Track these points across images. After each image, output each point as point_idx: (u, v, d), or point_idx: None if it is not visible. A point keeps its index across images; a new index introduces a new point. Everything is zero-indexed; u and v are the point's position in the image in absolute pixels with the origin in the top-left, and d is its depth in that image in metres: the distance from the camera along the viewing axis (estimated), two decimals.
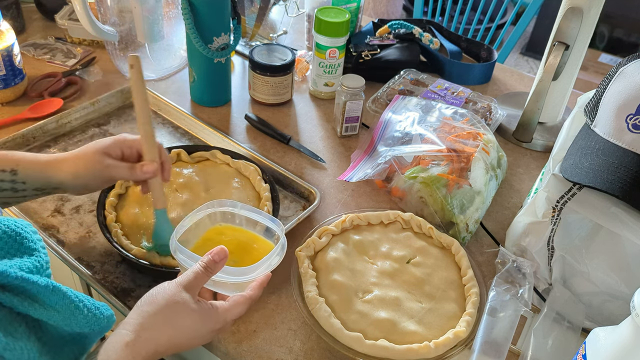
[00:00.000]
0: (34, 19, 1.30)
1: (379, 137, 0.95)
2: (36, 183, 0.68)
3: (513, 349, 0.70)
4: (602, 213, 0.65)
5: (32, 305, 0.48)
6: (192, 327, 0.57)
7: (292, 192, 0.93)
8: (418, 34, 1.24)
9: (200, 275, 0.59)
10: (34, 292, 0.47)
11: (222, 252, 0.60)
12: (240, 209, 0.70)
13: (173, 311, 0.56)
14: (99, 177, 0.70)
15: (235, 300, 0.62)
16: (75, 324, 0.51)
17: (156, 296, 0.57)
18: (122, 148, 0.71)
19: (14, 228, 0.49)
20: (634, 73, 0.68)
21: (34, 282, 0.47)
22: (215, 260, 0.60)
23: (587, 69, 2.80)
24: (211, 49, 0.99)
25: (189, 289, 0.58)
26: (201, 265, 0.59)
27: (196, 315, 0.57)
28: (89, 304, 0.52)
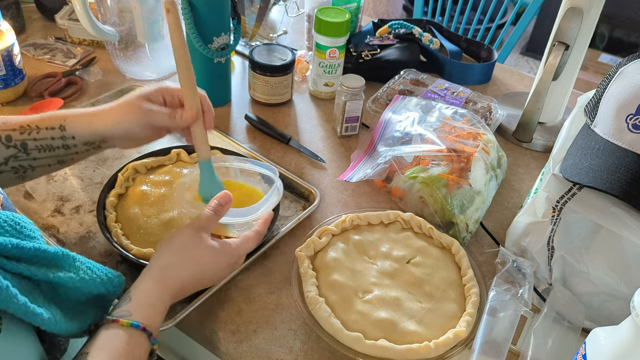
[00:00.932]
0: (34, 19, 1.30)
1: (379, 137, 0.95)
2: (84, 136, 0.69)
3: (513, 349, 0.70)
4: (602, 213, 0.65)
5: (50, 270, 0.50)
6: (212, 261, 0.63)
7: (292, 192, 0.93)
8: (418, 34, 1.24)
9: (210, 218, 0.65)
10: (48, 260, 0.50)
11: (226, 195, 0.67)
12: (232, 162, 0.75)
13: (192, 249, 0.62)
14: (140, 123, 0.70)
15: (245, 235, 0.68)
16: (92, 284, 0.54)
17: (172, 240, 0.63)
18: (164, 95, 0.72)
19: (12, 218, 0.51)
20: (634, 73, 0.68)
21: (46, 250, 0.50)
22: (220, 203, 0.66)
23: (587, 69, 2.80)
24: (211, 49, 0.99)
25: (201, 230, 0.64)
26: (209, 209, 0.65)
27: (213, 250, 0.63)
28: (98, 266, 0.56)
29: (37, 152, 0.68)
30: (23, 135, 0.67)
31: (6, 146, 0.66)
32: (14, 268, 0.48)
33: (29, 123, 0.67)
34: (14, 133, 0.66)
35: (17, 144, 0.66)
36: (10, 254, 0.48)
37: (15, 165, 0.67)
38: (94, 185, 0.90)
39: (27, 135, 0.67)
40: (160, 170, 0.86)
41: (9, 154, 0.66)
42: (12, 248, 0.47)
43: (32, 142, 0.67)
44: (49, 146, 0.68)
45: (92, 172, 0.92)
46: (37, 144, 0.67)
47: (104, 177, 0.91)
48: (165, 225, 0.77)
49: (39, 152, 0.68)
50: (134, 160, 0.86)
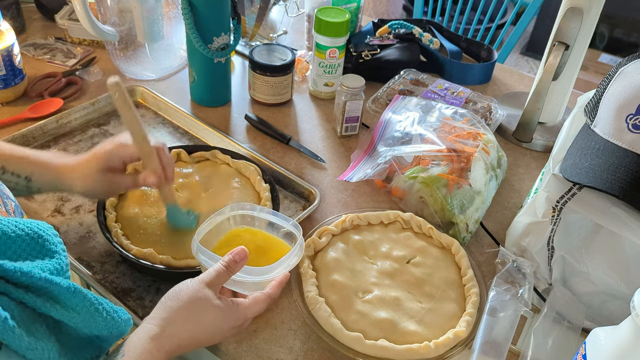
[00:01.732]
0: (34, 19, 1.30)
1: (379, 137, 0.95)
2: (49, 188, 0.74)
3: (513, 349, 0.70)
4: (602, 213, 0.65)
5: (54, 306, 0.48)
6: (214, 322, 0.60)
7: (292, 192, 0.93)
8: (418, 34, 1.24)
9: (221, 274, 0.61)
10: (56, 294, 0.48)
11: (242, 252, 0.63)
12: (259, 212, 0.72)
13: (196, 307, 0.59)
14: (107, 191, 0.76)
15: (255, 297, 0.64)
16: (94, 326, 0.52)
17: (180, 292, 0.59)
18: (123, 158, 0.74)
19: (36, 230, 0.49)
20: (634, 73, 0.68)
21: (56, 284, 0.48)
22: (235, 259, 0.62)
23: (587, 69, 2.80)
24: (211, 49, 0.99)
25: (210, 286, 0.60)
26: (222, 265, 0.62)
27: (218, 311, 0.60)
28: (108, 307, 0.53)
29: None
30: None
31: None
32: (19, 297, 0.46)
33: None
34: None
35: None
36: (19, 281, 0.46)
37: None
38: None
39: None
40: None
41: None
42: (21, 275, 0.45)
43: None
44: (12, 188, 0.70)
45: None
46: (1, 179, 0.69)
47: None
48: (165, 225, 0.77)
49: None
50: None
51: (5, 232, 0.46)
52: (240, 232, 0.72)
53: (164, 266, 0.72)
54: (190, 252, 0.74)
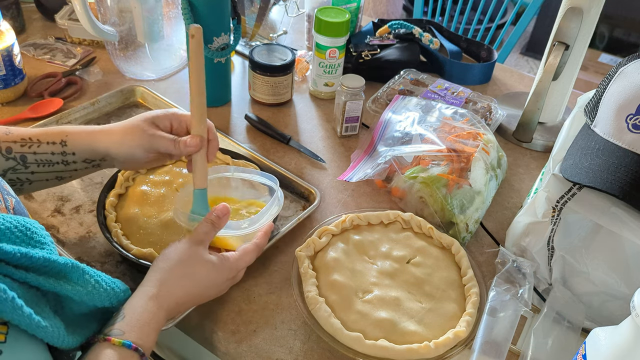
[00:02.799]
0: (34, 19, 1.30)
1: (379, 137, 0.95)
2: (85, 153, 0.70)
3: (513, 349, 0.70)
4: (602, 213, 0.65)
5: (58, 282, 0.50)
6: (208, 276, 0.61)
7: (292, 192, 0.93)
8: (418, 34, 1.24)
9: (207, 230, 0.63)
10: (57, 270, 0.50)
11: (224, 208, 0.65)
12: (234, 172, 0.74)
13: (188, 264, 0.60)
14: (143, 146, 0.69)
15: (245, 248, 0.66)
16: (97, 298, 0.53)
17: (170, 253, 0.61)
18: (171, 120, 0.71)
19: (23, 224, 0.50)
20: (634, 73, 0.68)
21: (55, 261, 0.49)
22: (219, 215, 0.65)
23: (587, 69, 2.80)
24: (211, 49, 0.99)
25: (199, 243, 0.62)
26: (207, 222, 0.64)
27: (210, 265, 0.62)
28: (106, 279, 0.55)
29: (36, 166, 0.68)
30: (23, 148, 0.67)
31: (5, 158, 0.66)
32: (22, 277, 0.47)
33: (31, 136, 0.67)
34: (15, 145, 0.66)
35: (17, 156, 0.66)
36: (18, 262, 0.47)
37: (13, 178, 0.67)
38: (94, 185, 0.90)
39: (27, 149, 0.67)
40: (160, 170, 0.86)
41: (8, 166, 0.66)
42: (20, 257, 0.46)
43: (31, 155, 0.67)
44: (48, 161, 0.68)
45: None
46: (36, 157, 0.67)
47: (104, 177, 0.91)
48: (165, 225, 0.77)
49: (38, 166, 0.68)
50: None
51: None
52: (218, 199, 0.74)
53: None
54: None
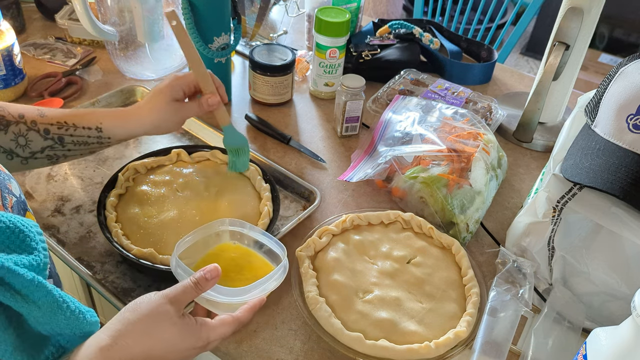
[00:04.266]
0: (34, 19, 1.30)
1: (379, 137, 0.95)
2: (120, 136, 0.78)
3: (513, 349, 0.70)
4: (603, 213, 0.65)
5: (14, 297, 0.47)
6: (171, 340, 0.55)
7: (293, 192, 0.93)
8: (418, 34, 1.24)
9: (188, 290, 0.58)
10: (18, 285, 0.47)
11: (214, 270, 0.59)
12: (249, 230, 0.70)
13: (154, 321, 0.55)
14: (175, 120, 0.80)
15: (222, 319, 0.60)
16: (55, 322, 0.50)
17: (140, 304, 0.56)
18: (182, 88, 0.79)
19: (18, 226, 0.48)
20: (635, 73, 0.68)
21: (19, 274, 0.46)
22: (206, 277, 0.59)
23: (587, 69, 2.80)
24: (211, 49, 0.99)
25: (174, 302, 0.57)
26: (191, 281, 0.58)
27: (176, 329, 0.56)
28: (74, 306, 0.51)
29: (73, 145, 0.75)
30: (61, 131, 0.74)
31: (44, 138, 0.72)
32: None
33: (67, 120, 0.74)
34: (52, 127, 0.73)
35: (55, 137, 0.73)
36: None
37: (51, 154, 0.74)
38: (94, 185, 0.90)
39: (64, 131, 0.74)
40: (160, 171, 0.86)
41: (46, 145, 0.73)
42: None
43: (69, 137, 0.74)
44: (84, 142, 0.75)
45: (92, 172, 0.92)
46: (73, 139, 0.74)
47: (104, 177, 0.91)
48: (166, 225, 0.77)
49: (75, 145, 0.75)
50: (134, 160, 0.86)
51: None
52: (228, 248, 0.70)
53: (164, 266, 0.72)
54: None
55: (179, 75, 0.79)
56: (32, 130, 0.72)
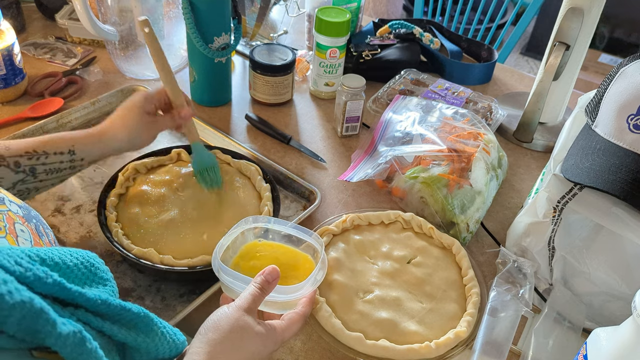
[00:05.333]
0: (34, 19, 1.30)
1: (380, 137, 0.95)
2: (94, 156, 0.75)
3: (514, 349, 0.70)
4: (603, 213, 0.65)
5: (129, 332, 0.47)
6: (257, 349, 0.58)
7: (293, 192, 0.92)
8: (418, 34, 1.24)
9: (257, 297, 0.59)
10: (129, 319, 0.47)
11: (274, 271, 0.61)
12: (273, 224, 0.70)
13: (239, 336, 0.57)
14: (149, 135, 0.80)
15: (291, 318, 0.62)
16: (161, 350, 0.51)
17: (219, 322, 0.57)
18: (153, 101, 0.80)
19: (88, 259, 0.48)
20: (635, 73, 0.68)
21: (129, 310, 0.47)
22: (268, 280, 0.60)
23: (587, 69, 2.80)
24: (212, 49, 0.99)
25: (249, 312, 0.58)
26: (256, 287, 0.60)
27: (259, 338, 0.58)
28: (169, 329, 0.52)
29: (45, 174, 0.70)
30: (31, 161, 0.69)
31: (15, 172, 0.67)
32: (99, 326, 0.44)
33: (36, 148, 0.69)
34: (22, 159, 0.68)
35: (26, 169, 0.68)
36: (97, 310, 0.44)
37: (22, 189, 0.69)
38: (94, 185, 0.90)
39: (35, 161, 0.69)
40: (160, 170, 0.86)
41: (17, 179, 0.68)
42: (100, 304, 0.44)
43: (41, 166, 0.69)
44: (57, 169, 0.71)
45: (92, 172, 0.92)
46: (46, 167, 0.70)
47: (104, 177, 0.91)
48: (166, 225, 0.77)
49: (47, 174, 0.71)
50: (134, 160, 0.86)
51: (64, 261, 0.45)
52: (256, 246, 0.70)
53: (164, 266, 0.72)
54: (190, 252, 0.74)
55: (150, 91, 0.80)
56: (1, 166, 0.67)
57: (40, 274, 0.40)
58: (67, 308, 0.42)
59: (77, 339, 0.39)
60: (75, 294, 0.42)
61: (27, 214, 0.52)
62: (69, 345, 0.38)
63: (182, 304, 0.73)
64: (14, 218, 0.49)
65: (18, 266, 0.39)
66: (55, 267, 0.43)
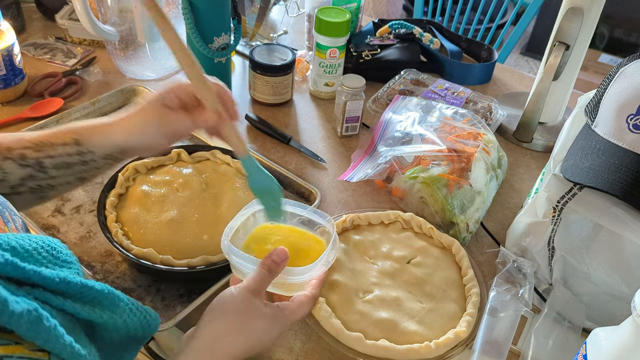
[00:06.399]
0: (34, 19, 1.30)
1: (380, 137, 0.95)
2: (103, 149, 0.65)
3: (514, 349, 0.70)
4: (603, 213, 0.65)
5: (93, 309, 0.47)
6: (265, 330, 0.57)
7: (293, 192, 0.93)
8: (418, 34, 1.24)
9: (264, 278, 0.58)
10: (92, 297, 0.47)
11: (282, 252, 0.60)
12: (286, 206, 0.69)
13: (246, 318, 0.57)
14: (160, 132, 0.66)
15: (300, 300, 0.61)
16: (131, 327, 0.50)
17: (225, 303, 0.57)
18: (179, 95, 0.66)
19: (48, 243, 0.48)
20: (635, 73, 0.68)
21: (91, 287, 0.46)
22: (276, 261, 0.59)
23: (587, 69, 2.80)
24: (211, 49, 0.99)
25: (256, 294, 0.58)
26: (264, 268, 0.59)
27: (267, 320, 0.58)
28: (138, 305, 0.52)
29: (55, 170, 0.64)
30: (37, 153, 0.63)
31: (21, 165, 0.62)
32: (59, 304, 0.44)
33: (42, 139, 0.64)
34: (27, 151, 0.63)
35: (32, 162, 0.63)
36: (56, 288, 0.44)
37: (33, 186, 0.64)
38: (94, 185, 0.90)
39: (41, 153, 0.63)
40: (160, 170, 0.86)
41: (25, 174, 0.63)
42: (59, 282, 0.43)
43: (48, 159, 0.63)
44: (66, 163, 0.64)
45: None
46: (53, 161, 0.64)
47: (104, 177, 0.90)
48: (166, 225, 0.77)
49: (57, 170, 0.64)
50: (134, 160, 0.86)
51: (23, 246, 0.44)
52: (268, 228, 0.69)
53: (164, 266, 0.72)
54: (190, 252, 0.74)
55: (181, 82, 0.67)
56: (7, 160, 0.62)
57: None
58: (23, 288, 0.41)
59: (33, 317, 0.38)
60: (30, 272, 0.41)
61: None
62: (23, 324, 0.38)
63: (182, 304, 0.73)
64: None
65: None
66: (12, 251, 0.42)
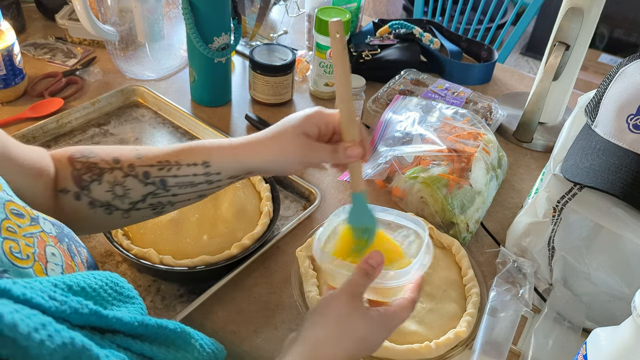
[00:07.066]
0: (34, 19, 1.30)
1: (380, 137, 0.95)
2: (232, 171, 0.63)
3: (514, 349, 0.70)
4: (603, 213, 0.65)
5: (168, 350, 0.46)
6: (369, 335, 0.56)
7: (293, 192, 0.93)
8: (418, 34, 1.24)
9: (362, 282, 0.56)
10: (166, 337, 0.46)
11: (378, 256, 0.58)
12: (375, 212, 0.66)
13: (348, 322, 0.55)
14: (299, 162, 0.63)
15: (400, 304, 0.59)
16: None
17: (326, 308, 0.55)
18: (319, 125, 0.63)
19: (111, 279, 0.47)
20: (635, 73, 0.68)
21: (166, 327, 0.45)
22: (373, 265, 0.57)
23: (587, 69, 2.80)
24: (212, 49, 0.99)
25: (357, 296, 0.56)
26: (361, 272, 0.57)
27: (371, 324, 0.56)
28: (207, 341, 0.51)
29: (178, 188, 0.62)
30: (162, 172, 0.61)
31: (144, 183, 0.60)
32: (138, 349, 0.43)
33: (168, 158, 0.61)
34: (152, 169, 0.61)
35: (156, 180, 0.61)
36: (135, 332, 0.43)
37: (154, 202, 0.62)
38: None
39: (166, 172, 0.61)
40: None
41: (147, 191, 0.61)
42: (138, 326, 0.43)
43: (172, 179, 0.61)
44: (190, 183, 0.62)
45: None
46: (177, 180, 0.61)
47: None
48: (166, 225, 0.77)
49: (180, 188, 0.62)
50: None
51: (90, 285, 0.43)
52: None
53: (164, 266, 0.72)
54: (190, 252, 0.74)
55: (322, 111, 0.64)
56: (129, 176, 0.60)
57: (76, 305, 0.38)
58: (105, 335, 0.41)
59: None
60: (113, 320, 0.41)
61: (59, 233, 0.49)
62: None
63: (182, 304, 0.73)
64: (45, 240, 0.46)
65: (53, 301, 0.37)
66: (82, 293, 0.42)
